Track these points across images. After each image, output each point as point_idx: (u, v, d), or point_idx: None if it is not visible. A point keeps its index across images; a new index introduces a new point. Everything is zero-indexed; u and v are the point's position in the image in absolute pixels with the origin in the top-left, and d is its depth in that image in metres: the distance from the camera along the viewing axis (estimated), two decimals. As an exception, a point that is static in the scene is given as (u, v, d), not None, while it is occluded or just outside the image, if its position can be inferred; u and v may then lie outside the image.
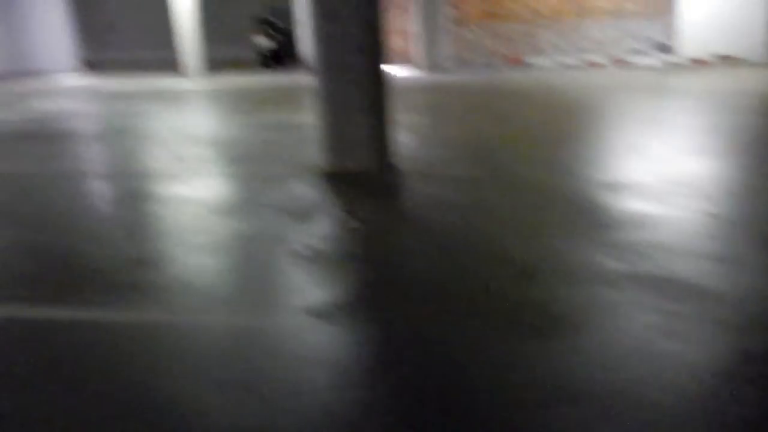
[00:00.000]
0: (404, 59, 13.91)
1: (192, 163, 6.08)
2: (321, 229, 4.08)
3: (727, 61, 12.52)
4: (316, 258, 3.64)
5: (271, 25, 13.96)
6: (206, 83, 12.22)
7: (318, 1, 5.13)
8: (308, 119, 8.26)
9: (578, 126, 7.55)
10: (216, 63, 14.03)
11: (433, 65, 12.98)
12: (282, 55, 14.23)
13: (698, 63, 12.62)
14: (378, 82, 5.30)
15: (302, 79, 12.55)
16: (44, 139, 7.47)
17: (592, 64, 13.04)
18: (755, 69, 11.87)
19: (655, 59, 12.90)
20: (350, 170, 5.31)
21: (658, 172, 5.30)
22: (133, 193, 5.21)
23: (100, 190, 5.43)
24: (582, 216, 4.17)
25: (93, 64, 15.74)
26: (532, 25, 13.75)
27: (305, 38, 14.61)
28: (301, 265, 3.53)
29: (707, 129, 7.03)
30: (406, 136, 6.73)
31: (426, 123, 7.47)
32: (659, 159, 5.81)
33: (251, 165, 5.91)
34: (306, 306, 3.01)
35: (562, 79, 11.49)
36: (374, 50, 5.23)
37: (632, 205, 4.40)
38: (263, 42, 13.80)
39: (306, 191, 4.96)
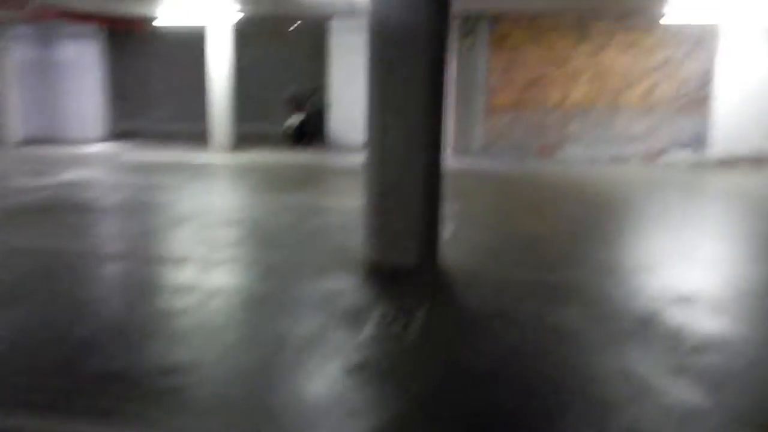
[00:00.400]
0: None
1: (221, 247, 5.82)
2: (371, 336, 3.76)
3: (761, 161, 12.35)
4: (368, 372, 3.31)
5: (301, 103, 14.04)
6: (236, 159, 12.18)
7: (379, 88, 4.98)
8: (342, 203, 8.06)
9: (620, 224, 7.30)
10: (246, 138, 14.04)
11: (466, 151, 12.92)
12: (311, 134, 14.24)
13: (731, 161, 12.45)
14: (433, 172, 5.08)
15: (331, 160, 12.49)
16: (68, 210, 7.29)
17: (624, 158, 12.91)
18: (792, 170, 11.70)
19: (687, 155, 12.75)
20: (397, 265, 5.02)
21: (720, 281, 5.00)
22: (159, 281, 4.95)
23: (122, 276, 5.16)
24: (655, 335, 3.83)
25: (124, 134, 15.83)
26: (563, 114, 13.72)
27: (335, 118, 14.68)
28: (352, 381, 3.20)
29: (754, 233, 6.75)
30: (448, 227, 6.48)
31: (465, 212, 7.23)
32: (715, 265, 5.50)
33: (285, 253, 5.64)
34: (368, 437, 2.68)
35: (595, 172, 11.34)
36: (432, 140, 5.04)
37: (703, 321, 4.06)
38: (293, 120, 13.83)
39: (350, 287, 4.67)
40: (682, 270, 5.31)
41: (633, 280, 4.96)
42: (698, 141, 12.98)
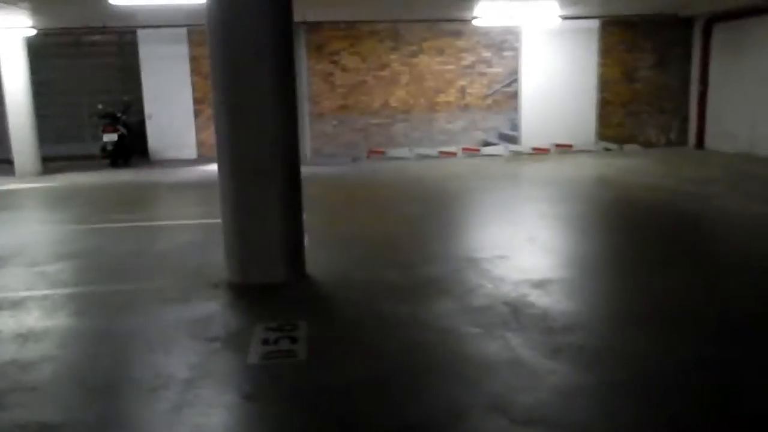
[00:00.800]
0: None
1: (61, 284, 5.26)
2: (259, 360, 3.61)
3: (563, 148, 13.68)
4: (267, 397, 3.18)
5: (116, 119, 13.10)
6: (48, 184, 11.07)
7: (226, 97, 4.79)
8: (181, 223, 7.67)
9: (461, 217, 7.70)
10: (56, 162, 12.83)
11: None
12: (130, 152, 13.33)
13: (539, 151, 13.65)
14: (292, 183, 4.99)
15: (156, 176, 11.82)
16: None
17: (447, 153, 13.63)
18: (588, 155, 13.07)
19: (502, 148, 13.76)
20: (263, 283, 4.87)
21: (563, 263, 5.46)
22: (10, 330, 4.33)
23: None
24: (526, 321, 4.08)
25: None
26: (386, 117, 14.17)
27: (154, 132, 13.91)
28: (252, 409, 3.06)
29: (573, 214, 7.48)
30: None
31: (316, 220, 7.20)
32: (555, 249, 6.00)
33: (137, 282, 5.24)
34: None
35: (424, 169, 11.83)
36: (288, 149, 4.94)
37: (560, 304, 4.42)
38: (109, 138, 12.85)
39: (219, 312, 4.46)
40: (529, 255, 5.73)
41: (491, 269, 5.24)
42: (511, 134, 14.06)
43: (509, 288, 4.73)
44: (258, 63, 4.74)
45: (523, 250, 5.93)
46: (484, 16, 12.05)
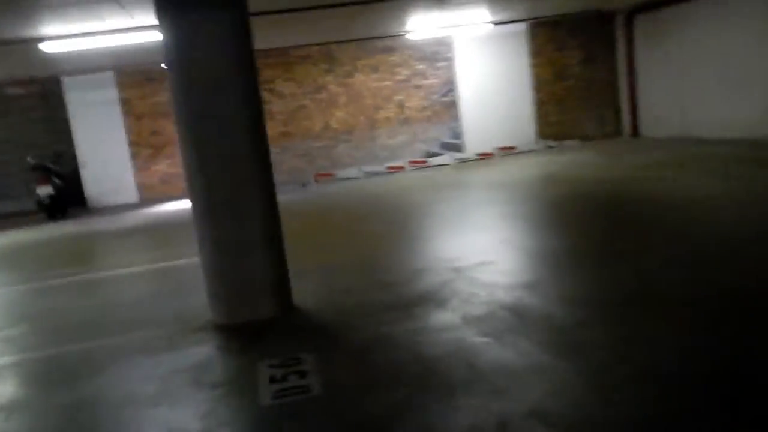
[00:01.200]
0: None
1: (31, 347, 4.93)
2: (273, 398, 3.44)
3: (507, 151, 13.91)
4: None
5: (49, 171, 12.52)
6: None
7: (194, 137, 4.60)
8: (138, 270, 7.33)
9: (429, 228, 7.66)
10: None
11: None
12: (67, 203, 12.75)
13: (484, 156, 13.84)
14: (270, 212, 4.82)
15: (99, 225, 11.33)
16: None
17: (395, 168, 13.64)
18: (532, 155, 13.33)
19: (447, 157, 13.88)
20: (251, 321, 4.67)
21: (548, 269, 5.47)
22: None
23: None
24: (534, 324, 4.05)
25: None
26: (329, 139, 14.09)
27: (90, 180, 13.39)
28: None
29: (534, 214, 7.55)
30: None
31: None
32: (535, 254, 6.01)
33: (115, 335, 4.93)
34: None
35: (375, 186, 11.80)
36: (262, 178, 4.77)
37: (551, 302, 4.41)
38: (43, 191, 12.26)
39: (213, 356, 4.24)
40: (509, 258, 5.72)
41: (478, 276, 5.19)
42: (454, 142, 14.20)
43: (503, 293, 4.69)
44: (222, 94, 4.58)
45: (501, 253, 5.92)
46: (416, 29, 12.16)
